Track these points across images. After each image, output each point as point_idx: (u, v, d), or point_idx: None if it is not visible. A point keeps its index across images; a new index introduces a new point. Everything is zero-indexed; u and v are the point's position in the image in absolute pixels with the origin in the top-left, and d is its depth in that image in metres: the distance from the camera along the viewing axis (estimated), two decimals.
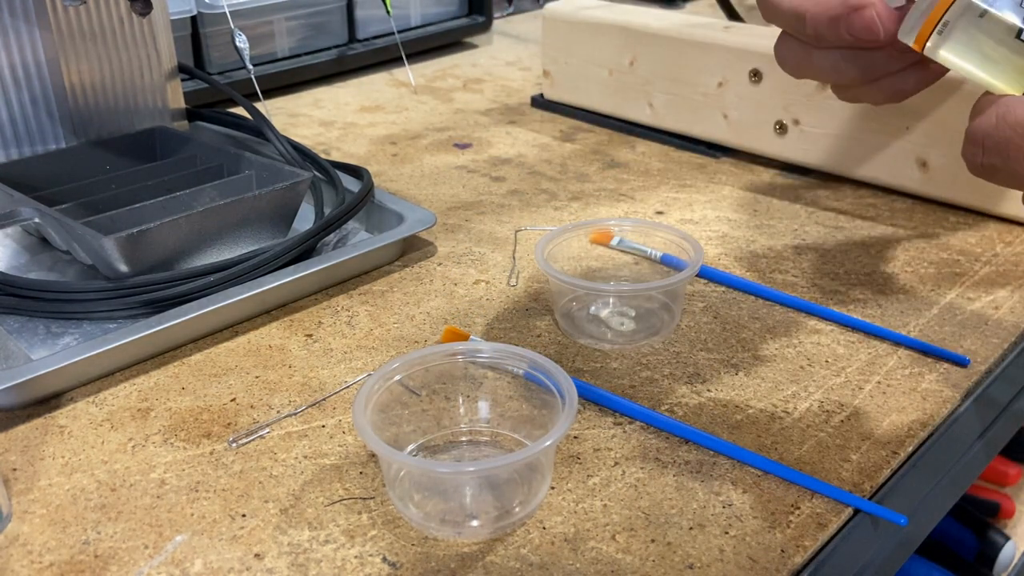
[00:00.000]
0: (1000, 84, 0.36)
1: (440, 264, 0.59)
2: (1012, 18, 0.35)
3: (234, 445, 0.43)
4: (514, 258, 0.60)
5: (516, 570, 0.36)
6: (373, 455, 0.42)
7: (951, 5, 0.36)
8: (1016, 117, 0.34)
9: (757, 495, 0.40)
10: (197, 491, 0.40)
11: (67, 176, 0.61)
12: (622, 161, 0.76)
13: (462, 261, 0.60)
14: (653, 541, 0.37)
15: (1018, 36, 0.35)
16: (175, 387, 0.47)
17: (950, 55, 0.37)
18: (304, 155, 0.67)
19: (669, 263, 0.55)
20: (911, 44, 0.37)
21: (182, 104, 0.71)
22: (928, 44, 0.37)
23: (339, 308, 0.54)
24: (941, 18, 0.36)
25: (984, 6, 0.35)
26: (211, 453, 0.42)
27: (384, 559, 0.36)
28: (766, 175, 0.73)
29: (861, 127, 0.67)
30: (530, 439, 0.42)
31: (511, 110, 0.89)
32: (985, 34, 0.36)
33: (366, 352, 0.50)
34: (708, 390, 0.46)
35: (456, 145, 0.80)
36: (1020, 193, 0.38)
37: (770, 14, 0.40)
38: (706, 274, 0.57)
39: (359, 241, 0.60)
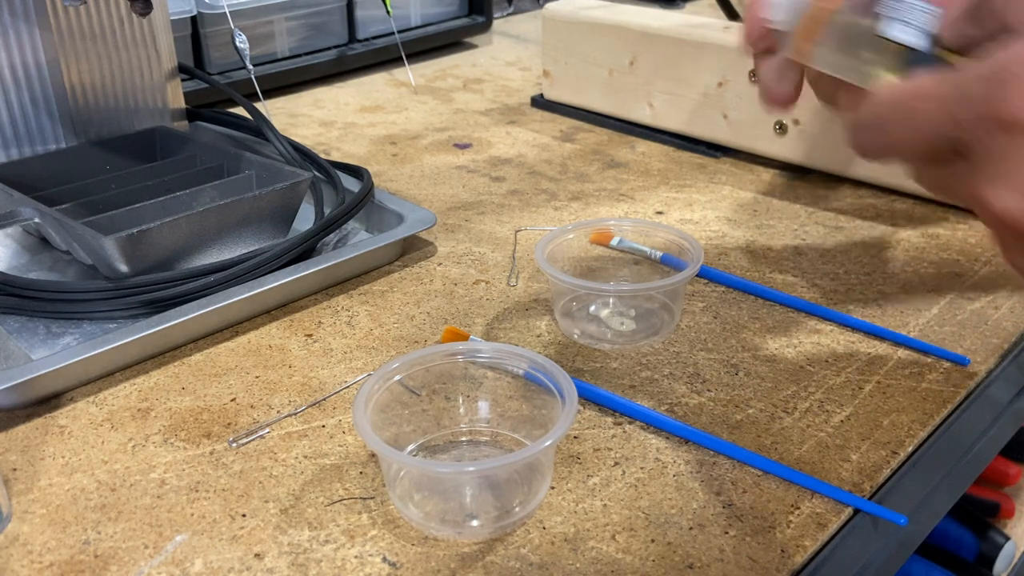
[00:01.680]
0: (869, 80, 0.41)
1: (440, 264, 0.59)
2: (873, 24, 0.39)
3: (234, 445, 0.43)
4: (514, 258, 0.60)
5: (516, 570, 0.36)
6: (373, 455, 0.42)
7: (822, 19, 0.41)
8: (881, 97, 0.37)
9: (757, 495, 0.40)
10: (197, 491, 0.40)
11: (67, 176, 0.61)
12: (622, 161, 0.76)
13: (462, 261, 0.60)
14: (653, 541, 0.37)
15: (877, 37, 0.39)
16: (175, 387, 0.47)
17: (822, 64, 0.42)
18: (304, 155, 0.67)
19: (669, 263, 0.55)
20: (792, 56, 0.43)
21: (182, 104, 0.71)
22: (805, 53, 0.42)
23: (339, 308, 0.54)
24: (814, 31, 0.41)
25: (847, 18, 0.40)
26: (211, 453, 0.42)
27: (384, 559, 0.36)
28: (766, 175, 0.73)
29: None
30: (530, 439, 0.42)
31: (511, 110, 0.89)
32: (851, 42, 0.41)
33: (366, 352, 0.50)
34: (708, 390, 0.46)
35: (456, 145, 0.80)
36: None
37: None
38: (706, 274, 0.57)
39: (359, 241, 0.60)
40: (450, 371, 0.43)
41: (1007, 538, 0.90)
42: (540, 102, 0.89)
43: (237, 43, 0.79)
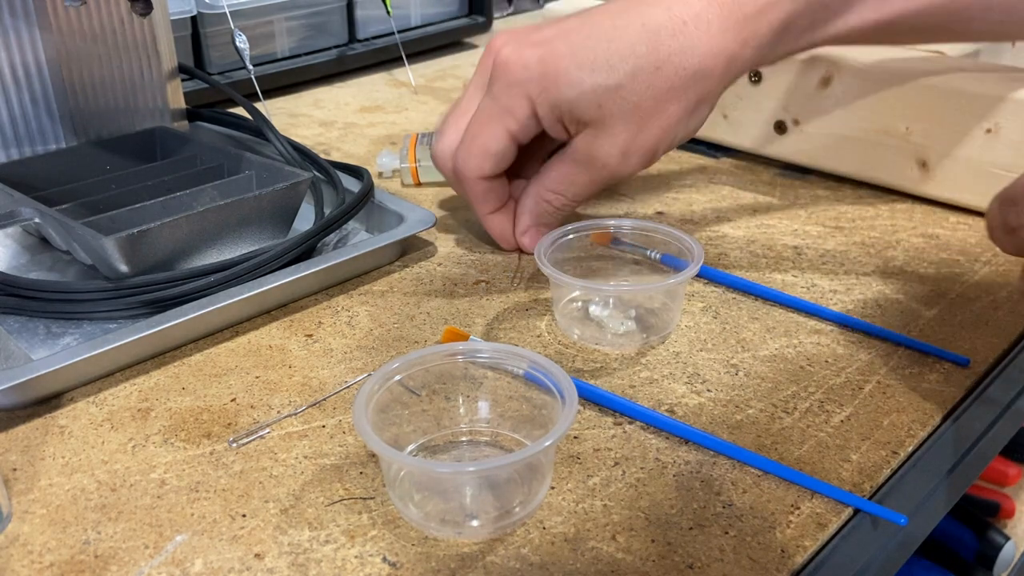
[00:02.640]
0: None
1: (440, 264, 0.59)
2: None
3: (234, 445, 0.43)
4: (520, 258, 0.60)
5: (516, 570, 0.36)
6: (373, 455, 0.42)
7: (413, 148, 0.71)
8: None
9: (757, 495, 0.40)
10: (197, 491, 0.40)
11: (67, 176, 0.61)
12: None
13: (462, 261, 0.60)
14: (653, 541, 0.37)
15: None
16: (175, 387, 0.47)
17: (425, 176, 0.71)
18: (304, 155, 0.67)
19: (669, 263, 0.55)
20: (410, 181, 0.71)
21: (182, 104, 0.71)
22: (415, 175, 0.71)
23: (339, 308, 0.54)
24: (415, 157, 0.71)
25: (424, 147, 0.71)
26: (211, 453, 0.42)
27: (384, 559, 0.36)
28: (766, 175, 0.73)
29: (861, 127, 0.67)
30: (530, 439, 0.42)
31: None
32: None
33: (366, 352, 0.50)
34: (708, 390, 0.46)
35: None
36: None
37: None
38: (706, 274, 0.57)
39: (359, 241, 0.60)
40: (450, 371, 0.43)
41: (1007, 538, 0.90)
42: None
43: (237, 43, 0.79)
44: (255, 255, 0.53)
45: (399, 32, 0.99)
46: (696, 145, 0.78)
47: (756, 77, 0.71)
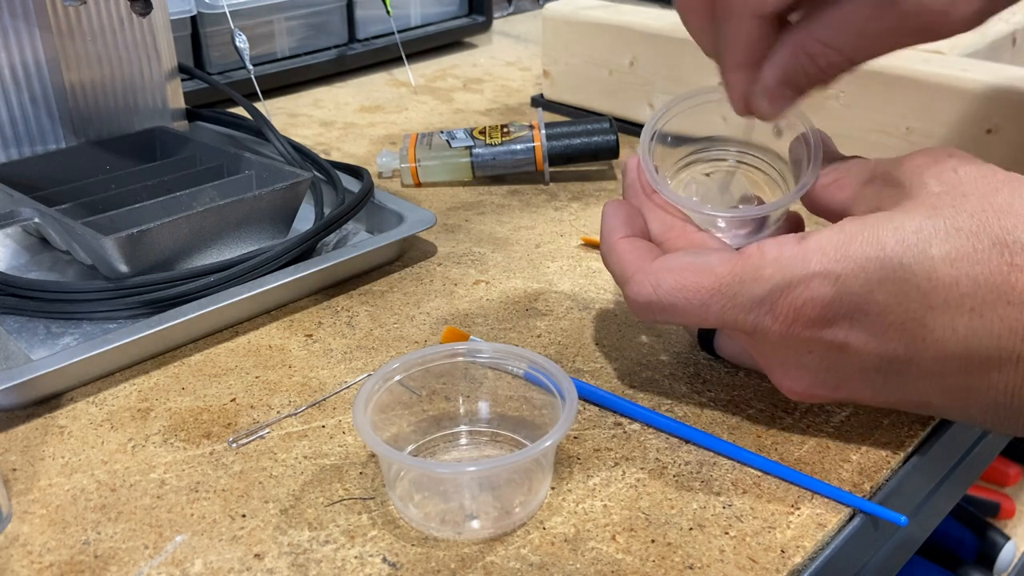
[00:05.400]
0: (454, 177, 0.71)
1: (440, 264, 0.59)
2: (442, 139, 0.71)
3: (234, 445, 0.43)
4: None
5: (516, 570, 0.36)
6: (373, 455, 0.42)
7: (413, 144, 0.71)
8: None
9: (757, 495, 0.40)
10: (197, 491, 0.40)
11: (67, 176, 0.61)
12: (622, 161, 0.76)
13: (462, 261, 0.60)
14: (653, 541, 0.37)
15: (449, 144, 0.71)
16: (175, 387, 0.47)
17: (427, 174, 0.71)
18: (304, 155, 0.67)
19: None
20: (412, 179, 0.71)
21: (182, 104, 0.71)
22: (414, 172, 0.71)
23: (339, 308, 0.54)
24: (413, 153, 0.71)
25: (426, 139, 0.72)
26: (211, 453, 0.42)
27: (384, 559, 0.36)
28: None
29: (861, 127, 0.67)
30: (530, 439, 0.42)
31: (511, 110, 0.89)
32: (434, 153, 0.71)
33: (366, 352, 0.50)
34: (708, 390, 0.46)
35: None
36: None
37: None
38: None
39: (359, 241, 0.60)
40: (450, 371, 0.43)
41: (1007, 538, 0.90)
42: (540, 102, 0.89)
43: (237, 43, 0.79)
44: (255, 255, 0.53)
45: (399, 32, 0.99)
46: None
47: None
